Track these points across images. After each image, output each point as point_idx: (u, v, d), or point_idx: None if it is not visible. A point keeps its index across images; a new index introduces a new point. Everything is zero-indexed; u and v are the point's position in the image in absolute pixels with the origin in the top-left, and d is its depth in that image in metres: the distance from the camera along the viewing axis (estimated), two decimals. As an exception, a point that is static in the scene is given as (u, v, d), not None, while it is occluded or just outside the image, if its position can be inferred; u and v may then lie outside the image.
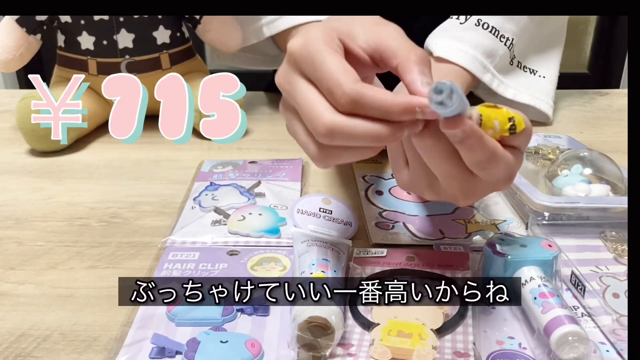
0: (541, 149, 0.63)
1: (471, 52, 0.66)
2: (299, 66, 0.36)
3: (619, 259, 0.45)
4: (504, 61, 0.70)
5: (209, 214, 0.53)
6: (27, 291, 0.44)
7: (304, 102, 0.35)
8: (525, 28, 0.70)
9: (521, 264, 0.40)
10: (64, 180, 0.62)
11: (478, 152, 0.34)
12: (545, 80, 0.75)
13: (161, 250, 0.48)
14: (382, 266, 0.45)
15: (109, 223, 0.53)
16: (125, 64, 0.73)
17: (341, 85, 0.34)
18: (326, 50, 0.35)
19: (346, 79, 0.34)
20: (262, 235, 0.50)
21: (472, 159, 0.34)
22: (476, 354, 0.37)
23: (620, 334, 0.38)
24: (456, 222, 0.52)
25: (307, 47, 0.36)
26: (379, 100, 0.33)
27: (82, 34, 0.71)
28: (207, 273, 0.45)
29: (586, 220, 0.49)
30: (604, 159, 0.54)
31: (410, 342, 0.37)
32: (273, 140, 0.73)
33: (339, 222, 0.52)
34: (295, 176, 0.61)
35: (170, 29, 0.74)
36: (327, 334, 0.36)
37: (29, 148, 0.70)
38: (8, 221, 0.54)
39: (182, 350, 0.37)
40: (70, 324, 0.40)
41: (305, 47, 0.36)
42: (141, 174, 0.64)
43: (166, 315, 0.40)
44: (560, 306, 0.36)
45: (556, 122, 0.79)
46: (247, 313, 0.40)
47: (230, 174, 0.61)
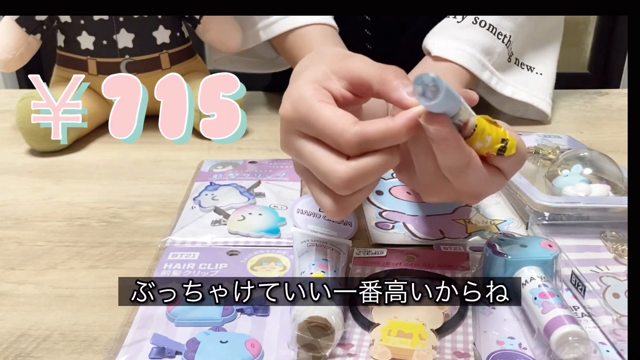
0: (541, 149, 0.63)
1: (469, 50, 0.66)
2: (297, 128, 0.37)
3: (619, 259, 0.45)
4: (502, 59, 0.70)
5: (209, 214, 0.53)
6: (27, 291, 0.44)
7: (313, 162, 0.36)
8: (522, 25, 0.70)
9: (521, 264, 0.40)
10: (64, 180, 0.62)
11: (451, 157, 0.34)
12: (543, 77, 0.76)
13: (161, 250, 0.48)
14: (382, 266, 0.45)
15: (109, 223, 0.53)
16: (125, 63, 0.73)
17: (343, 133, 0.34)
18: (315, 104, 0.35)
19: (345, 126, 0.34)
20: (262, 235, 0.50)
21: (444, 161, 0.34)
22: (476, 354, 0.37)
23: (621, 334, 0.38)
24: (456, 222, 0.52)
25: (297, 109, 0.36)
26: (383, 133, 0.33)
27: (82, 33, 0.71)
28: (207, 273, 0.45)
29: (586, 220, 0.49)
30: (604, 159, 0.54)
31: (410, 342, 0.37)
32: (273, 140, 0.73)
33: (339, 222, 0.52)
34: (295, 176, 0.61)
35: (170, 29, 0.74)
36: (327, 334, 0.36)
37: (29, 148, 0.70)
38: (8, 221, 0.54)
39: (182, 351, 0.37)
40: (70, 324, 0.40)
41: (295, 109, 0.36)
42: (141, 174, 0.64)
43: (166, 316, 0.40)
44: (560, 306, 0.36)
45: (556, 122, 0.79)
46: (247, 313, 0.40)
47: (230, 174, 0.61)
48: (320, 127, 0.35)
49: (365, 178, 0.35)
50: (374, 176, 0.35)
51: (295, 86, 0.37)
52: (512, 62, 0.73)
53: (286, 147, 0.39)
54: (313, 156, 0.36)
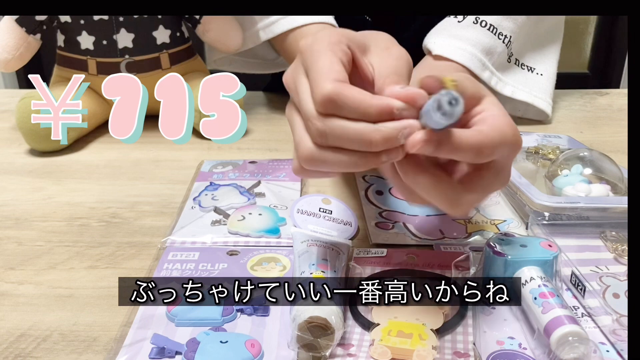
0: (541, 149, 0.63)
1: (470, 50, 0.66)
2: (303, 64, 0.36)
3: (619, 259, 0.45)
4: (502, 59, 0.70)
5: (209, 214, 0.53)
6: (27, 291, 0.44)
7: (300, 98, 0.36)
8: (522, 25, 0.70)
9: (521, 264, 0.40)
10: (63, 180, 0.62)
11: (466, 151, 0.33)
12: (543, 78, 0.76)
13: (161, 250, 0.48)
14: (382, 266, 0.45)
15: (109, 223, 0.53)
16: (125, 63, 0.73)
17: (320, 83, 0.33)
18: (325, 50, 0.35)
19: (326, 78, 0.33)
20: (262, 235, 0.50)
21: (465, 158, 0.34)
22: (476, 354, 0.37)
23: (621, 334, 0.38)
24: (456, 222, 0.52)
25: (312, 46, 0.36)
26: (356, 102, 0.33)
27: (82, 33, 0.71)
28: (207, 273, 0.45)
29: (586, 220, 0.49)
30: (604, 159, 0.54)
31: (410, 343, 0.37)
32: (273, 140, 0.73)
33: (339, 222, 0.52)
34: (295, 176, 0.61)
35: (170, 29, 0.74)
36: (327, 334, 0.36)
37: (29, 148, 0.70)
38: (8, 221, 0.54)
39: (182, 351, 0.37)
40: (69, 324, 0.40)
41: (311, 45, 0.36)
42: (141, 174, 0.64)
43: (166, 316, 0.40)
44: (560, 306, 0.36)
45: (556, 122, 0.79)
46: (247, 313, 0.40)
47: (230, 174, 0.61)
48: (311, 72, 0.35)
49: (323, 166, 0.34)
50: (332, 169, 0.35)
51: (328, 30, 0.37)
52: (511, 63, 0.73)
53: (289, 78, 0.38)
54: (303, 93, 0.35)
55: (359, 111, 0.33)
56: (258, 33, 0.73)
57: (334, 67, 0.34)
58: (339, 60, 0.35)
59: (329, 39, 0.36)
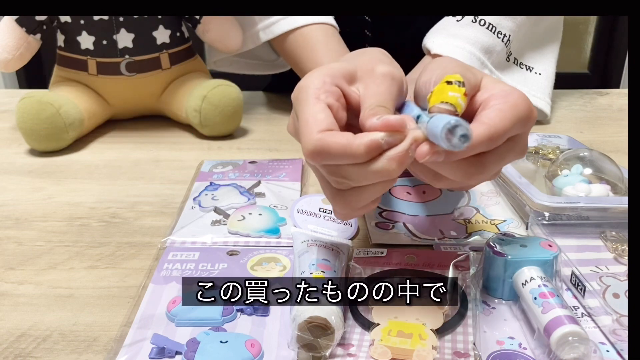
0: (541, 149, 0.63)
1: (469, 49, 0.66)
2: (295, 113, 0.37)
3: (619, 259, 0.45)
4: (501, 58, 0.70)
5: (209, 214, 0.53)
6: (27, 291, 0.44)
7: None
8: (521, 25, 0.70)
9: (521, 264, 0.40)
10: (63, 180, 0.62)
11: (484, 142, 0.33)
12: (542, 77, 0.76)
13: (161, 250, 0.48)
14: (382, 266, 0.45)
15: (109, 223, 0.53)
16: (125, 63, 0.73)
17: (304, 137, 0.34)
18: (308, 99, 0.35)
19: (311, 131, 0.33)
20: (262, 235, 0.50)
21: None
22: (476, 354, 0.37)
23: (621, 334, 0.38)
24: (456, 222, 0.52)
25: (297, 96, 0.36)
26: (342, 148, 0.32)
27: (82, 33, 0.71)
28: (206, 273, 0.45)
29: (586, 220, 0.49)
30: (604, 159, 0.54)
31: (410, 343, 0.37)
32: (273, 140, 0.73)
33: (339, 222, 0.52)
34: (295, 176, 0.61)
35: (170, 29, 0.74)
36: (327, 334, 0.36)
37: (29, 148, 0.70)
38: (8, 221, 0.54)
39: (182, 351, 0.37)
40: (69, 324, 0.40)
41: (297, 95, 0.37)
42: (141, 174, 0.64)
43: (166, 316, 0.40)
44: (560, 306, 0.36)
45: (556, 122, 0.79)
46: (247, 313, 0.40)
47: (230, 174, 0.61)
48: (299, 125, 0.35)
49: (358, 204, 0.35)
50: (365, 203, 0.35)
51: (314, 73, 0.37)
52: (510, 62, 0.73)
53: (290, 127, 0.39)
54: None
55: (348, 156, 0.33)
56: (258, 34, 0.73)
57: (317, 117, 0.34)
58: (323, 107, 0.35)
59: (313, 84, 0.36)
